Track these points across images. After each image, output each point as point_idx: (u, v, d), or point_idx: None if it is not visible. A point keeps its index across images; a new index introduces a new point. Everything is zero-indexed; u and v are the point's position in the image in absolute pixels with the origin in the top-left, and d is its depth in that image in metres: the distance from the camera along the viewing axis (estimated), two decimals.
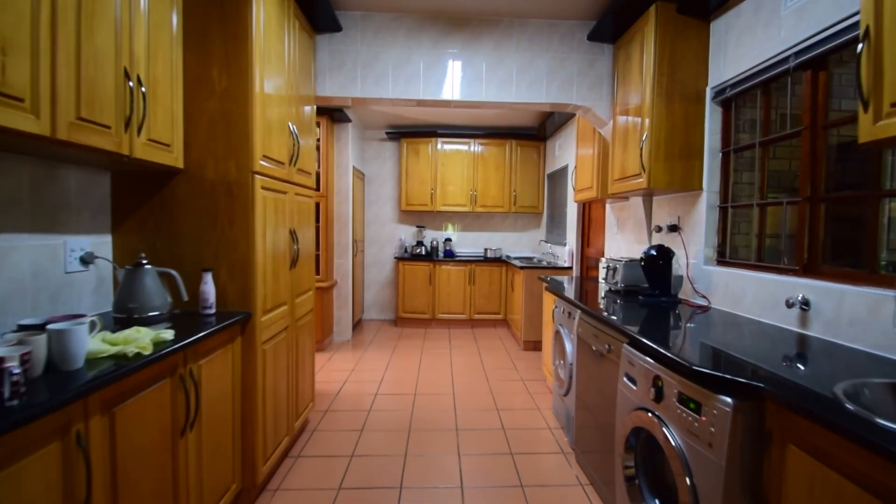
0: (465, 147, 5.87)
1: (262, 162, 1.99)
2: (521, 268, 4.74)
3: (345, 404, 3.30)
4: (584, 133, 3.40)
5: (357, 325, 5.87)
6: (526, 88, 2.81)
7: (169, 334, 1.48)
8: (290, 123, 2.33)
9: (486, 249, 5.93)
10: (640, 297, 2.45)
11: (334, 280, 5.09)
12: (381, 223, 6.29)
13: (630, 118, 2.54)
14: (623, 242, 3.36)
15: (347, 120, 5.02)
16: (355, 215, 5.48)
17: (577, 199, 3.47)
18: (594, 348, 2.11)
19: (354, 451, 2.55)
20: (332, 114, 4.75)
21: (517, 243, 6.31)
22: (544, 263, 5.17)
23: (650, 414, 1.46)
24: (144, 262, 1.65)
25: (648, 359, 1.53)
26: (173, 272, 1.74)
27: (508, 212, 5.93)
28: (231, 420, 1.86)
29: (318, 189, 4.76)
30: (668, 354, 1.38)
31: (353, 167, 5.37)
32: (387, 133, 5.92)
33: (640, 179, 2.37)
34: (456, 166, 5.87)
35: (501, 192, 5.90)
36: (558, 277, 3.82)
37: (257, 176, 1.95)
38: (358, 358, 4.54)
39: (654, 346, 1.48)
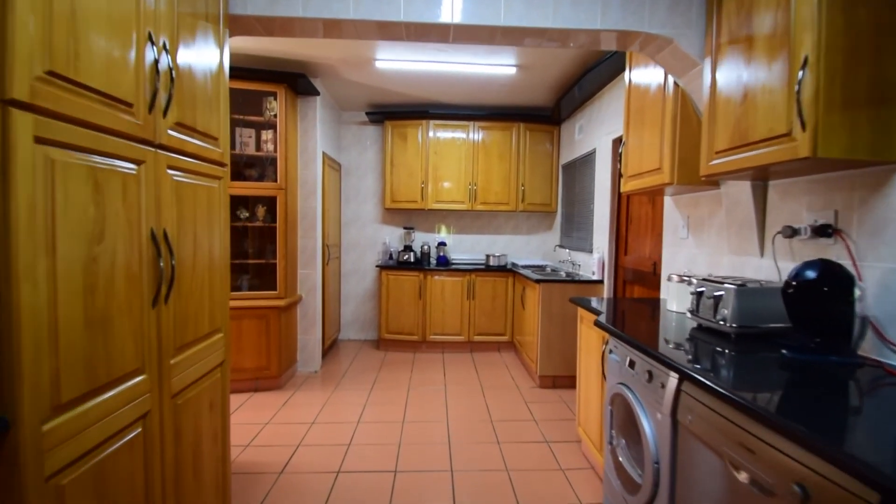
0: (462, 133, 4.82)
1: (41, 84, 0.92)
2: (538, 281, 3.69)
3: (292, 488, 2.22)
4: (641, 96, 2.36)
5: (331, 347, 4.79)
6: (570, 6, 1.76)
7: None
8: (149, 31, 1.26)
9: (488, 256, 4.88)
10: (783, 350, 1.41)
11: (297, 296, 4.00)
12: (362, 224, 5.21)
13: (756, 51, 1.50)
14: (699, 252, 2.33)
15: (314, 92, 3.94)
16: (328, 214, 4.40)
17: (629, 188, 2.44)
18: (740, 476, 1.06)
19: None
20: (292, 82, 3.67)
21: (525, 248, 5.27)
22: (563, 274, 4.12)
23: None
24: None
25: None
26: None
27: (515, 210, 4.89)
28: None
29: (271, 180, 3.69)
30: None
31: (325, 154, 4.29)
32: (367, 114, 4.85)
33: (790, 145, 1.33)
34: (452, 155, 4.82)
35: (507, 186, 4.85)
36: (592, 301, 2.78)
37: (20, 113, 0.88)
38: (325, 399, 3.46)
39: None
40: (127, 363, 1.18)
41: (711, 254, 2.22)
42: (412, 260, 4.89)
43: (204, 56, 1.59)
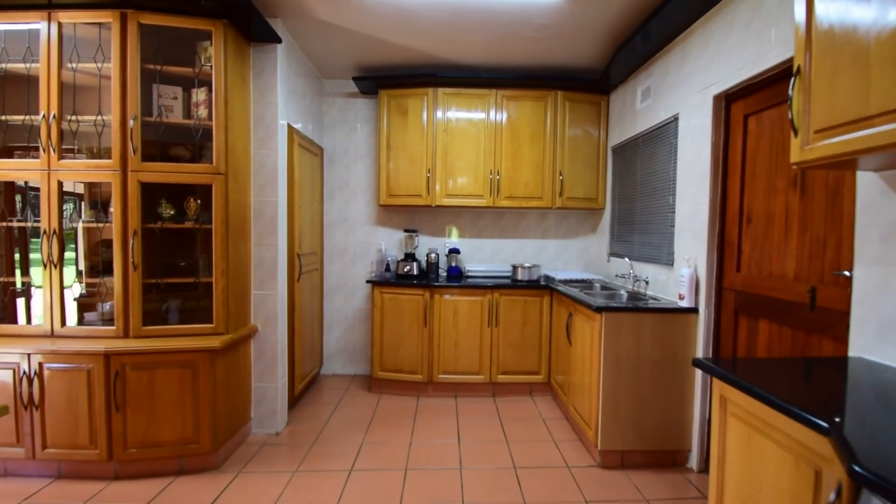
0: (480, 106, 3.62)
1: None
2: (600, 309, 2.47)
3: None
4: None
5: (309, 388, 3.61)
6: None
7: None
8: None
9: (515, 267, 3.68)
10: None
11: (250, 328, 2.83)
12: (350, 226, 4.04)
13: None
14: None
15: (273, 38, 2.78)
16: (298, 212, 3.22)
17: (820, 156, 1.24)
18: None
19: None
20: (237, 16, 2.51)
21: (561, 257, 4.06)
22: (622, 295, 2.92)
23: None
24: None
25: None
26: None
27: (551, 207, 3.68)
28: None
29: (208, 161, 2.53)
30: None
31: (293, 130, 3.12)
32: (355, 80, 3.67)
33: None
34: (467, 134, 3.63)
35: (540, 175, 3.65)
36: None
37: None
38: (283, 485, 2.28)
39: None
40: None
41: None
42: (415, 272, 3.71)
43: None
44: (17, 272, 2.73)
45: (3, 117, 2.44)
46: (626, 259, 3.20)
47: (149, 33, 2.44)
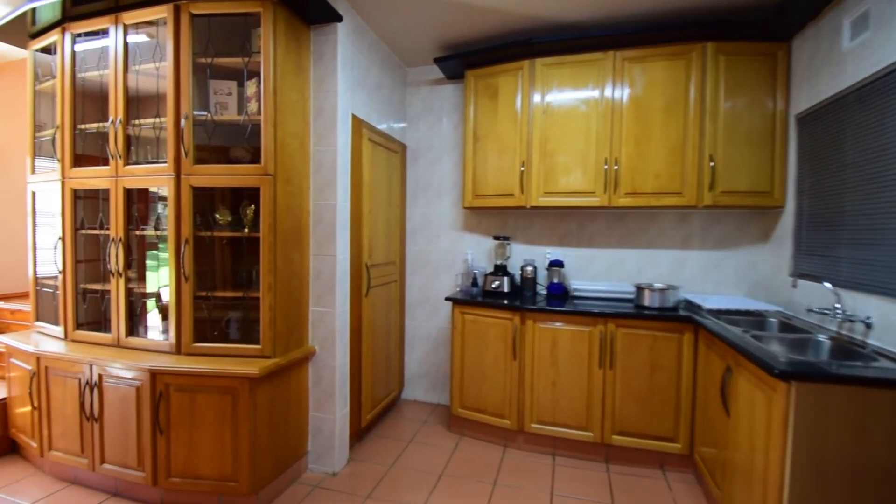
0: (591, 86, 2.78)
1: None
2: (786, 375, 1.48)
3: None
4: None
5: (386, 413, 3.17)
6: None
7: None
8: None
9: (640, 288, 2.74)
10: None
11: (308, 349, 2.47)
12: (434, 232, 3.52)
13: None
14: None
15: (332, 16, 2.38)
16: (367, 217, 2.80)
17: None
18: None
19: None
20: None
21: (713, 275, 2.95)
22: (822, 344, 1.84)
23: None
24: None
25: None
26: None
27: (695, 205, 2.65)
28: None
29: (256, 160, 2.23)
30: None
31: (361, 122, 2.71)
32: (437, 62, 3.13)
33: None
34: (574, 116, 2.82)
35: (677, 162, 2.66)
36: None
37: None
38: None
39: None
40: None
41: None
42: (506, 289, 3.02)
43: None
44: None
45: (82, 126, 2.47)
46: (827, 285, 2.05)
47: (202, 25, 2.23)
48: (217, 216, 2.36)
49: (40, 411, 2.41)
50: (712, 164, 2.58)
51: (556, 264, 3.04)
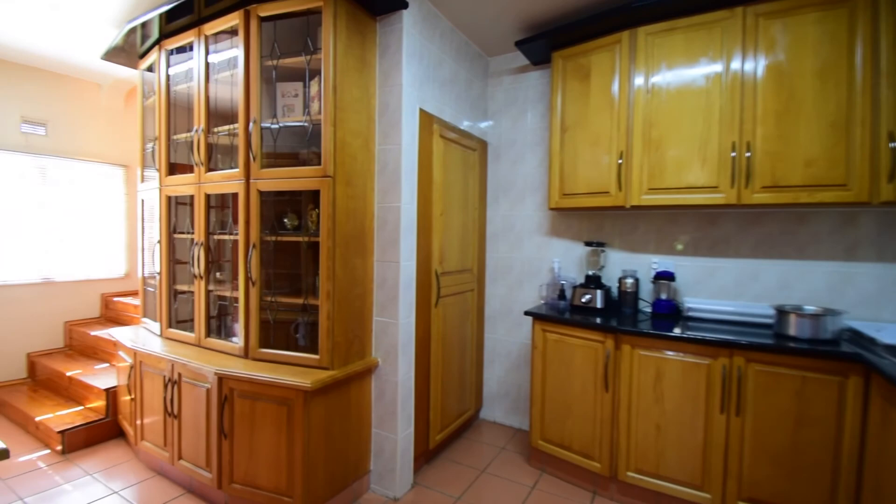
0: (711, 58, 2.20)
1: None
2: None
3: None
4: None
5: (460, 434, 2.90)
6: None
7: None
8: None
9: (781, 312, 2.08)
10: None
11: (370, 361, 2.31)
12: (516, 236, 3.17)
13: None
14: None
15: (396, 3, 2.20)
16: (439, 219, 2.57)
17: None
18: None
19: None
20: None
21: (891, 296, 2.16)
22: None
23: None
24: None
25: None
26: None
27: (868, 202, 1.93)
28: None
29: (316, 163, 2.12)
30: None
31: (430, 117, 2.49)
32: (519, 45, 2.77)
33: None
34: (688, 95, 2.27)
35: (840, 143, 1.96)
36: None
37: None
38: None
39: None
40: None
41: None
42: (598, 304, 2.56)
43: None
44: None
45: (175, 137, 2.62)
46: None
47: (270, 28, 2.20)
48: (286, 220, 2.32)
49: (136, 402, 2.59)
50: (893, 144, 1.86)
51: (665, 276, 2.50)
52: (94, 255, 4.01)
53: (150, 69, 2.79)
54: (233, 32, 2.28)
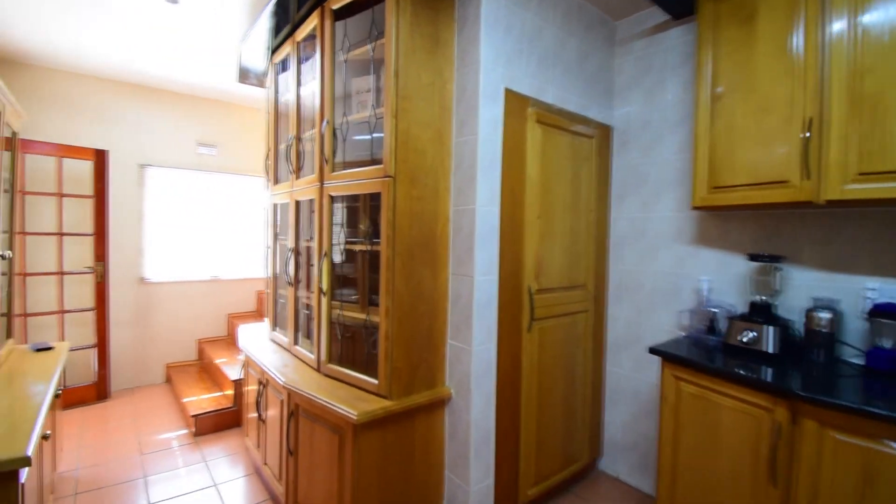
0: None
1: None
2: None
3: None
4: None
5: (567, 490, 2.34)
6: None
7: None
8: None
9: None
10: None
11: (442, 392, 1.97)
12: (649, 244, 2.44)
13: None
14: None
15: None
16: (527, 226, 2.09)
17: None
18: None
19: None
20: None
21: None
22: None
23: None
24: None
25: None
26: None
27: None
28: None
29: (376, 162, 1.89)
30: None
31: (530, 101, 2.03)
32: None
33: None
34: None
35: None
36: None
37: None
38: None
39: None
40: None
41: None
42: (768, 348, 1.74)
43: None
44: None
45: (280, 147, 2.71)
46: None
47: (342, 26, 2.06)
48: (360, 227, 2.16)
49: (244, 398, 2.75)
50: None
51: (885, 310, 1.55)
52: (251, 257, 4.60)
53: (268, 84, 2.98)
54: (314, 36, 2.21)
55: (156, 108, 3.98)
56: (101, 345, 3.67)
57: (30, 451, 1.28)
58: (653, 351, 1.91)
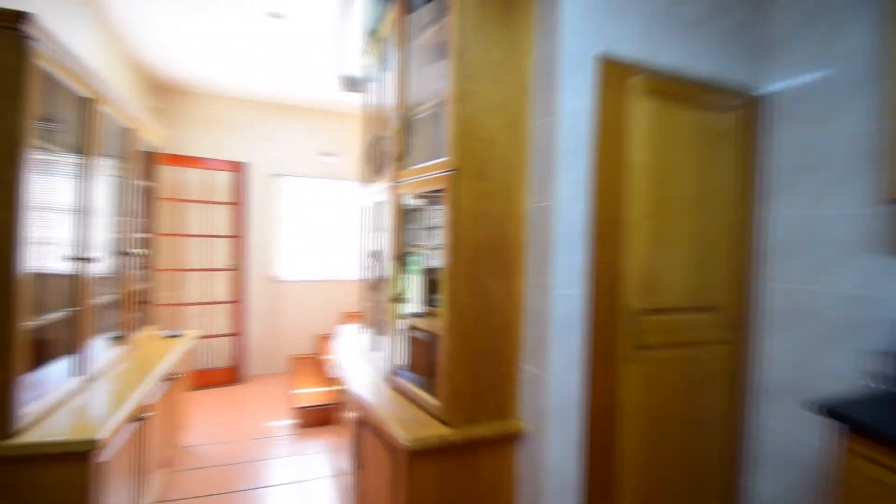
0: None
1: None
2: None
3: None
4: None
5: None
6: None
7: None
8: None
9: None
10: None
11: (513, 425, 1.66)
12: (820, 254, 1.74)
13: None
14: None
15: None
16: (626, 227, 1.64)
17: None
18: None
19: None
20: None
21: None
22: None
23: None
24: None
25: None
26: None
27: None
28: None
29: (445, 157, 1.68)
30: None
31: (634, 68, 1.61)
32: None
33: None
34: None
35: None
36: None
37: None
38: None
39: None
40: None
41: None
42: None
43: None
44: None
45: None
46: None
47: (416, 13, 1.90)
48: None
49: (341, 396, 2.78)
50: None
51: None
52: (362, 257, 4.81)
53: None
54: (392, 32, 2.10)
55: (284, 122, 4.41)
56: (239, 334, 4.17)
57: (101, 436, 1.37)
58: (825, 410, 1.31)
